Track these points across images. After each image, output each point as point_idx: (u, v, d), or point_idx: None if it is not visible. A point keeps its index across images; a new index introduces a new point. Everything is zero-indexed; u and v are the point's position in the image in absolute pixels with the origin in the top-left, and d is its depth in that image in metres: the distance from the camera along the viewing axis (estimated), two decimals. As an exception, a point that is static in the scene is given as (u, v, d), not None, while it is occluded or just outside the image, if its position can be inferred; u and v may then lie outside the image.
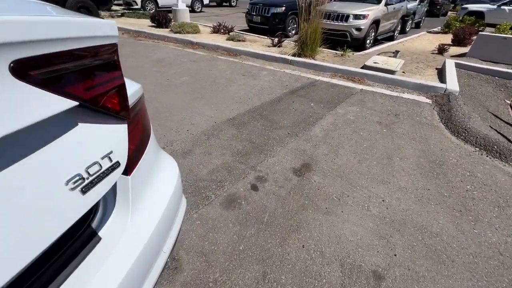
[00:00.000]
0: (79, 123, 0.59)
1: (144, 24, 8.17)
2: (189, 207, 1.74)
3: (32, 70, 0.45)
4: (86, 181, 0.58)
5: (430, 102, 3.61)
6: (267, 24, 7.76)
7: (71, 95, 0.53)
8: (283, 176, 2.10)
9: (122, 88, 0.69)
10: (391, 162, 2.32)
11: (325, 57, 5.52)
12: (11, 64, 0.42)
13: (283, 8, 7.57)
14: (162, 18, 7.74)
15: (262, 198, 1.87)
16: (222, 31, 7.38)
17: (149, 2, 11.95)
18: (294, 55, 5.28)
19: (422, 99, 3.71)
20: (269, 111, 3.14)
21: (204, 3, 14.50)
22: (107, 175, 0.63)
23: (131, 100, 0.79)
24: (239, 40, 6.54)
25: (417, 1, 10.04)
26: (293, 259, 1.47)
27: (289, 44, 6.05)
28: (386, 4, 6.95)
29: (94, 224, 0.71)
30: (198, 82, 3.95)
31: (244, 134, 2.64)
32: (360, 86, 4.08)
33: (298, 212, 1.77)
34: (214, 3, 18.06)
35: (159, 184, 0.91)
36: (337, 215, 1.76)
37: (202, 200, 1.82)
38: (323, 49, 5.81)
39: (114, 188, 0.76)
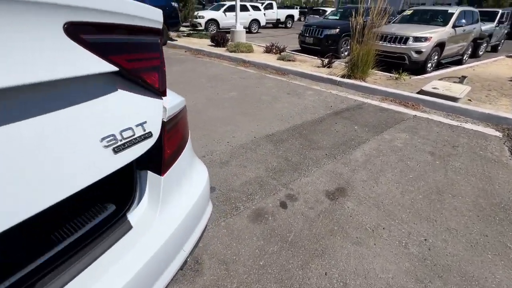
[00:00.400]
0: (119, 89, 0.68)
1: (204, 43, 9.04)
2: (217, 215, 1.83)
3: (84, 33, 0.54)
4: (119, 143, 0.65)
5: (501, 136, 3.14)
6: (320, 45, 7.83)
7: (114, 62, 0.62)
8: (315, 197, 2.05)
9: (161, 68, 0.79)
10: (441, 198, 2.07)
11: (377, 79, 5.29)
12: (65, 25, 0.50)
13: (337, 30, 7.58)
14: (220, 38, 8.48)
15: (290, 217, 1.85)
16: (274, 51, 7.70)
17: (211, 24, 13.23)
18: (343, 76, 5.19)
19: (490, 131, 3.25)
20: (309, 131, 3.13)
21: (261, 24, 15.40)
22: (138, 142, 0.70)
23: (174, 110, 0.91)
24: (289, 60, 6.73)
25: (495, 23, 8.98)
26: (313, 285, 1.41)
27: (339, 65, 5.98)
28: (454, 26, 6.40)
29: (129, 214, 0.83)
30: (244, 98, 4.17)
31: (281, 151, 2.68)
32: (413, 112, 3.78)
33: (325, 237, 1.70)
34: (270, 25, 19.00)
35: (188, 187, 1.01)
36: (369, 247, 1.64)
37: (231, 210, 1.89)
38: (376, 71, 5.58)
39: (150, 186, 0.87)
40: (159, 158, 0.88)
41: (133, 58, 0.68)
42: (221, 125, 3.19)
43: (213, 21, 13.31)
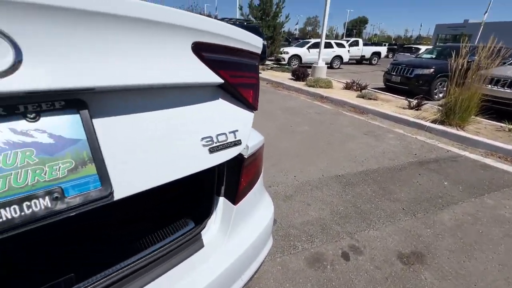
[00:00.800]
0: (220, 99, 0.81)
1: (285, 77, 9.62)
2: (274, 249, 1.84)
3: (203, 51, 0.68)
4: (214, 144, 0.75)
5: None
6: (408, 85, 7.25)
7: (221, 75, 0.74)
8: (384, 256, 1.82)
9: (256, 86, 0.90)
10: None
11: (481, 129, 4.46)
12: (193, 44, 0.65)
13: (431, 70, 6.90)
14: (301, 72, 8.88)
15: (351, 271, 1.69)
16: (355, 88, 7.52)
17: (294, 59, 14.05)
18: (434, 121, 4.61)
19: None
20: (385, 178, 2.86)
21: (344, 60, 15.40)
22: (229, 147, 0.79)
23: (254, 148, 1.03)
24: (370, 99, 6.43)
25: None
26: None
27: (430, 109, 5.36)
28: None
29: (204, 234, 0.95)
30: (317, 133, 4.17)
31: (349, 195, 2.53)
32: (533, 176, 2.99)
33: (392, 307, 1.48)
34: (354, 61, 18.76)
35: (255, 218, 1.09)
36: (450, 338, 1.33)
37: (288, 247, 1.87)
38: (480, 119, 4.73)
39: (224, 212, 0.99)
40: (235, 188, 0.99)
41: (235, 75, 0.81)
42: (290, 158, 3.26)
43: (296, 56, 14.14)
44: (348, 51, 15.62)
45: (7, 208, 0.42)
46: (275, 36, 13.13)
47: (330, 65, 14.28)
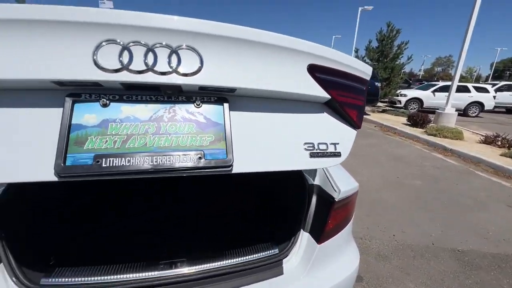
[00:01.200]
0: (325, 113, 0.90)
1: (398, 121, 8.67)
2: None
3: (317, 72, 0.80)
4: (314, 151, 0.83)
5: None
6: None
7: (329, 93, 0.84)
8: None
9: (361, 108, 0.95)
10: None
11: None
12: (308, 66, 0.77)
13: None
14: (420, 118, 7.78)
15: None
16: (499, 143, 5.89)
17: (413, 103, 12.49)
18: None
19: None
20: (538, 274, 2.04)
21: (485, 108, 12.37)
22: (329, 156, 0.86)
23: (346, 194, 1.06)
24: (524, 160, 4.84)
25: None
26: None
27: None
28: None
29: (285, 263, 1.03)
30: (432, 192, 3.50)
31: (471, 280, 1.95)
32: None
33: None
34: (503, 109, 14.78)
35: (337, 264, 1.07)
36: None
37: (373, 315, 1.63)
38: None
39: (306, 248, 1.04)
40: (321, 228, 1.04)
41: (343, 94, 0.90)
42: (391, 213, 2.87)
43: (416, 100, 12.55)
44: (494, 97, 12.48)
45: (174, 157, 0.68)
46: (392, 78, 12.26)
47: (463, 113, 11.80)
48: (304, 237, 1.07)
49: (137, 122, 0.69)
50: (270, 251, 1.05)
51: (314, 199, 1.13)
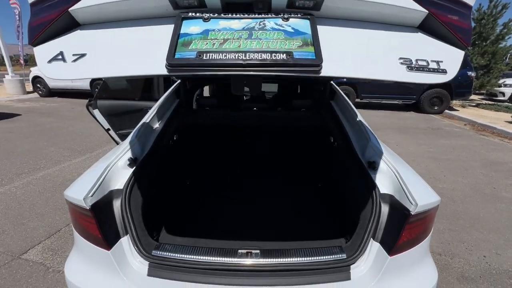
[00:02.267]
0: (419, 33, 0.89)
1: (499, 119, 7.13)
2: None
3: None
4: (412, 65, 0.83)
5: None
6: None
7: (427, 8, 0.82)
8: None
9: (467, 30, 0.87)
10: None
11: None
12: None
13: None
14: (532, 116, 6.21)
15: None
16: None
17: (523, 95, 10.00)
18: None
19: None
20: None
21: None
22: (431, 71, 0.84)
23: (423, 208, 1.00)
24: None
25: None
26: None
27: None
28: None
29: (352, 269, 1.05)
30: (544, 209, 2.81)
31: None
32: None
33: None
34: None
35: (410, 279, 1.03)
36: None
37: None
38: None
39: (376, 258, 1.03)
40: (393, 240, 1.01)
41: (443, 13, 0.85)
42: (480, 230, 2.45)
43: (527, 91, 10.01)
44: None
45: (264, 54, 0.80)
46: (493, 64, 10.04)
47: None
48: (374, 247, 1.06)
49: (232, 31, 0.86)
50: (338, 256, 1.08)
51: (386, 209, 1.10)
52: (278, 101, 2.46)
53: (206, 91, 3.87)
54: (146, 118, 1.53)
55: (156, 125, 1.60)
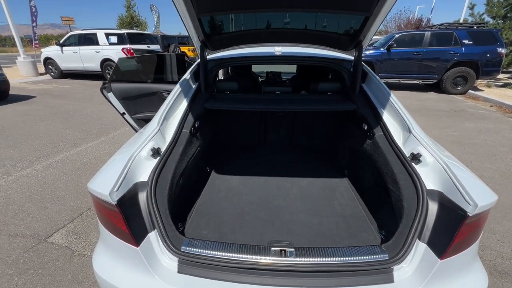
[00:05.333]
0: None
1: (529, 100, 6.65)
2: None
3: None
4: None
5: None
6: None
7: None
8: None
9: None
10: None
11: None
12: None
13: None
14: None
15: None
16: None
17: (557, 73, 9.24)
18: None
19: None
20: None
21: None
22: None
23: (482, 209, 0.89)
24: None
25: None
26: None
27: None
28: None
29: (395, 271, 0.97)
30: None
31: None
32: None
33: None
34: None
35: (460, 284, 0.95)
36: None
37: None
38: None
39: (422, 260, 0.95)
40: (445, 242, 0.92)
41: None
42: (513, 220, 2.32)
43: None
44: None
45: None
46: (526, 40, 9.24)
47: None
48: (420, 248, 0.98)
49: None
50: (380, 256, 1.01)
51: (434, 207, 1.00)
52: (298, 84, 2.32)
53: (220, 74, 3.73)
54: (167, 104, 1.43)
55: (177, 111, 1.50)
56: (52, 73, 10.13)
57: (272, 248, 1.03)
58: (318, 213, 1.57)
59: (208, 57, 1.76)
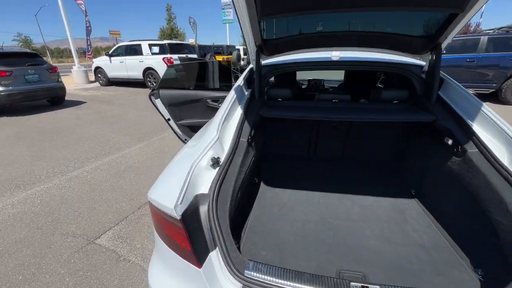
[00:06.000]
0: None
1: None
2: None
3: None
4: None
5: None
6: None
7: None
8: None
9: None
10: None
11: None
12: None
13: None
14: None
15: None
16: None
17: None
18: None
19: None
20: None
21: None
22: None
23: None
24: None
25: None
26: None
27: None
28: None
29: None
30: None
31: None
32: None
33: None
34: None
35: None
36: None
37: None
38: None
39: None
40: None
41: None
42: None
43: None
44: None
45: None
46: None
47: None
48: None
49: None
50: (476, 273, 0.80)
51: None
52: (354, 91, 2.14)
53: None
54: (224, 111, 1.36)
55: (232, 118, 1.43)
56: (100, 81, 11.04)
57: (352, 283, 0.87)
58: (390, 239, 1.37)
59: (262, 63, 1.69)
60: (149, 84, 9.53)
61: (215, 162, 1.11)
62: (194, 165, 1.05)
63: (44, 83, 6.55)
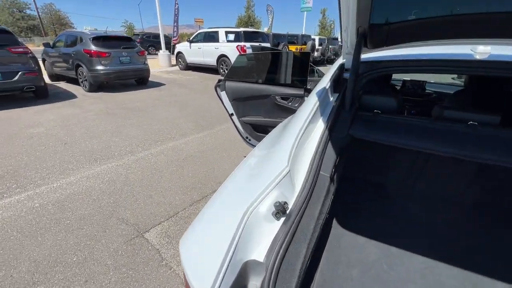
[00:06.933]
0: None
1: None
2: None
3: None
4: None
5: None
6: None
7: None
8: None
9: None
10: None
11: None
12: None
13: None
14: None
15: None
16: None
17: None
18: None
19: None
20: None
21: None
22: None
23: None
24: None
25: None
26: None
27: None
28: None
29: None
30: None
31: None
32: None
33: None
34: None
35: None
36: None
37: None
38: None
39: None
40: None
41: None
42: None
43: None
44: None
45: None
46: None
47: None
48: None
49: None
50: None
51: None
52: (490, 105, 1.41)
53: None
54: (299, 128, 0.95)
55: (310, 138, 1.01)
56: (180, 65, 11.91)
57: None
58: None
59: (363, 57, 1.19)
60: (221, 71, 9.76)
61: (280, 209, 0.73)
62: (249, 211, 0.69)
63: (134, 65, 7.31)
